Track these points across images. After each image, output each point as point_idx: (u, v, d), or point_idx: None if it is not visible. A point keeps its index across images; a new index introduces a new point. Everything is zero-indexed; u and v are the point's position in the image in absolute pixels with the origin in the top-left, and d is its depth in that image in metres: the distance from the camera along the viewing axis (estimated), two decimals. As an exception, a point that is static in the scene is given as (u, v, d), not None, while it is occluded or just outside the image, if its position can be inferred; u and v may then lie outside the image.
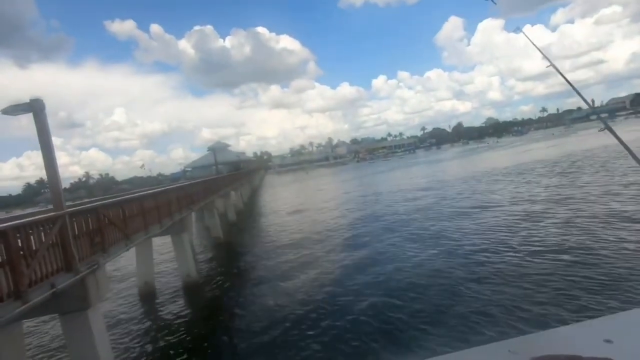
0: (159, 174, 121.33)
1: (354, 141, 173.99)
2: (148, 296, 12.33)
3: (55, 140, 6.92)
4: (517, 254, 10.31)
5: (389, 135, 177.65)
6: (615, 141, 2.40)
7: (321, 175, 77.41)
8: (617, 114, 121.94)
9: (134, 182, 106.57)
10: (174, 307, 11.03)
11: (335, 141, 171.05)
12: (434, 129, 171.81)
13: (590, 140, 44.66)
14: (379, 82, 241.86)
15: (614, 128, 2.45)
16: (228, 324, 9.42)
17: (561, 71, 3.07)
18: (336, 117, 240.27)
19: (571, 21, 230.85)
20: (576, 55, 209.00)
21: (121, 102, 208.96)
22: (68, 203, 7.64)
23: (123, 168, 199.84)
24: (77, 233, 6.42)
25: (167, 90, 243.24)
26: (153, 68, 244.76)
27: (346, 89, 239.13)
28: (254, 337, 8.20)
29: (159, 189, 13.51)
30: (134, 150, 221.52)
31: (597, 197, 15.43)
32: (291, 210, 28.39)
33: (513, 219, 14.15)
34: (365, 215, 20.58)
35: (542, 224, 12.90)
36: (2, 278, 4.53)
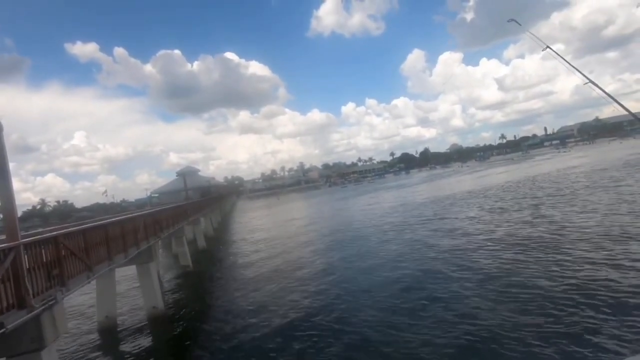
0: (123, 200, 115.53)
1: (326, 166, 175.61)
2: (109, 331, 11.43)
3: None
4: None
5: (359, 160, 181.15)
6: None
7: (292, 200, 76.85)
8: (567, 140, 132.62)
9: (95, 209, 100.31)
10: (137, 342, 10.25)
11: (307, 166, 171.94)
12: (402, 154, 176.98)
13: (541, 165, 51.78)
14: (348, 108, 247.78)
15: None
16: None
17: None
18: (307, 142, 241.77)
19: (522, 56, 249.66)
20: (528, 86, 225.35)
21: (83, 126, 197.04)
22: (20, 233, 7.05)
23: (83, 194, 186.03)
24: (32, 265, 5.91)
25: (133, 114, 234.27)
26: (118, 92, 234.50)
27: (316, 115, 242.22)
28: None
29: (126, 216, 12.83)
30: (95, 176, 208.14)
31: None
32: (260, 238, 27.90)
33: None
34: (330, 247, 19.75)
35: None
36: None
